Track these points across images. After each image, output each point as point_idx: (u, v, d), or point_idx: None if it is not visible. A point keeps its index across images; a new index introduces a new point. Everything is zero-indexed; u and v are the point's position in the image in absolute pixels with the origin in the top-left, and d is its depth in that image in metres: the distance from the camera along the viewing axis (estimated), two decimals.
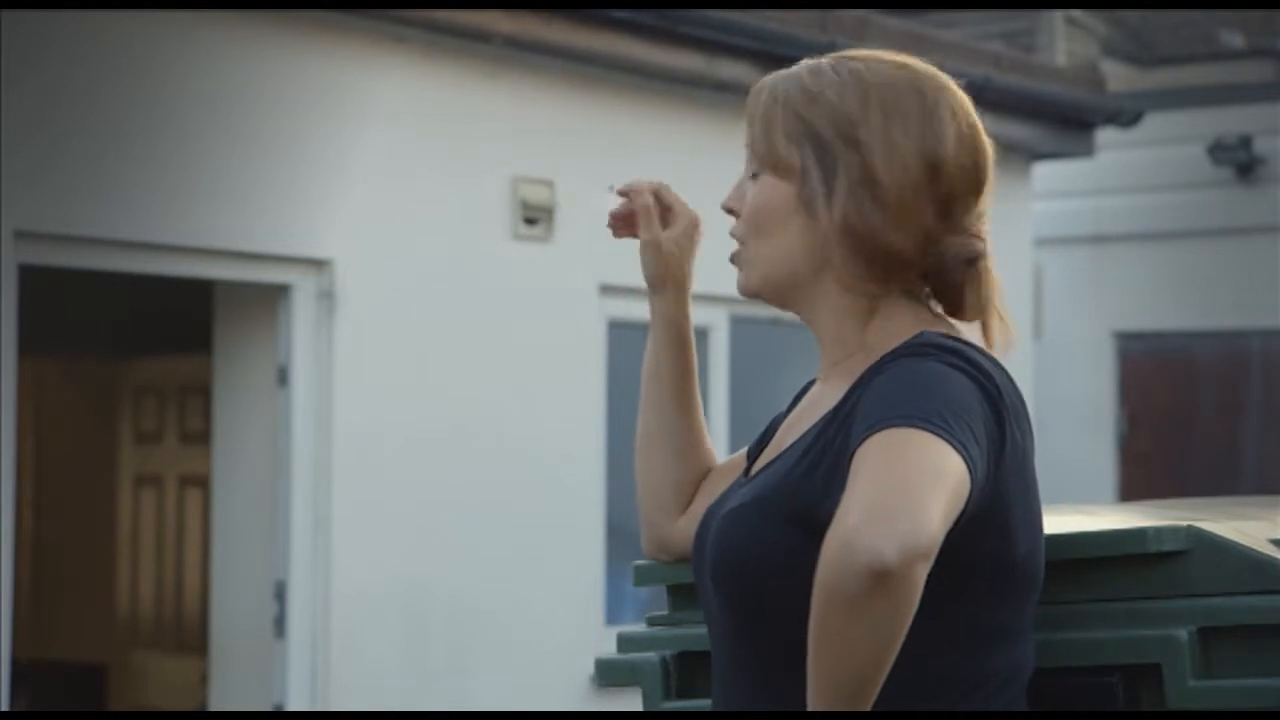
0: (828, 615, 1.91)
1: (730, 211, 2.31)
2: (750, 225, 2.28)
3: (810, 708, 1.96)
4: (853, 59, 2.26)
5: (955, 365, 2.10)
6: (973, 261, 2.24)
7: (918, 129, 2.21)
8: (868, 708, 1.94)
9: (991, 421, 2.08)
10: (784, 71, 2.29)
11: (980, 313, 2.24)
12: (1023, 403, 2.17)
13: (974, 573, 2.10)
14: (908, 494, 1.91)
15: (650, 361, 2.56)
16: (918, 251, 2.21)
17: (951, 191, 2.22)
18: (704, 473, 2.53)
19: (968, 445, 2.00)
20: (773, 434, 2.38)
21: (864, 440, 1.99)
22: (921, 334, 2.17)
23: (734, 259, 2.32)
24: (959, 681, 2.11)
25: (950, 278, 2.24)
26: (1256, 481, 11.99)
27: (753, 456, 2.42)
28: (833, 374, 2.26)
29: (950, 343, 2.14)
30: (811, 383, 2.37)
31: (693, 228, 2.59)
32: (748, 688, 2.18)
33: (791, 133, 2.23)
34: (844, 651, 1.91)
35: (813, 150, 2.22)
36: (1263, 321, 12.16)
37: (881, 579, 1.87)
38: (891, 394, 2.05)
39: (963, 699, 2.10)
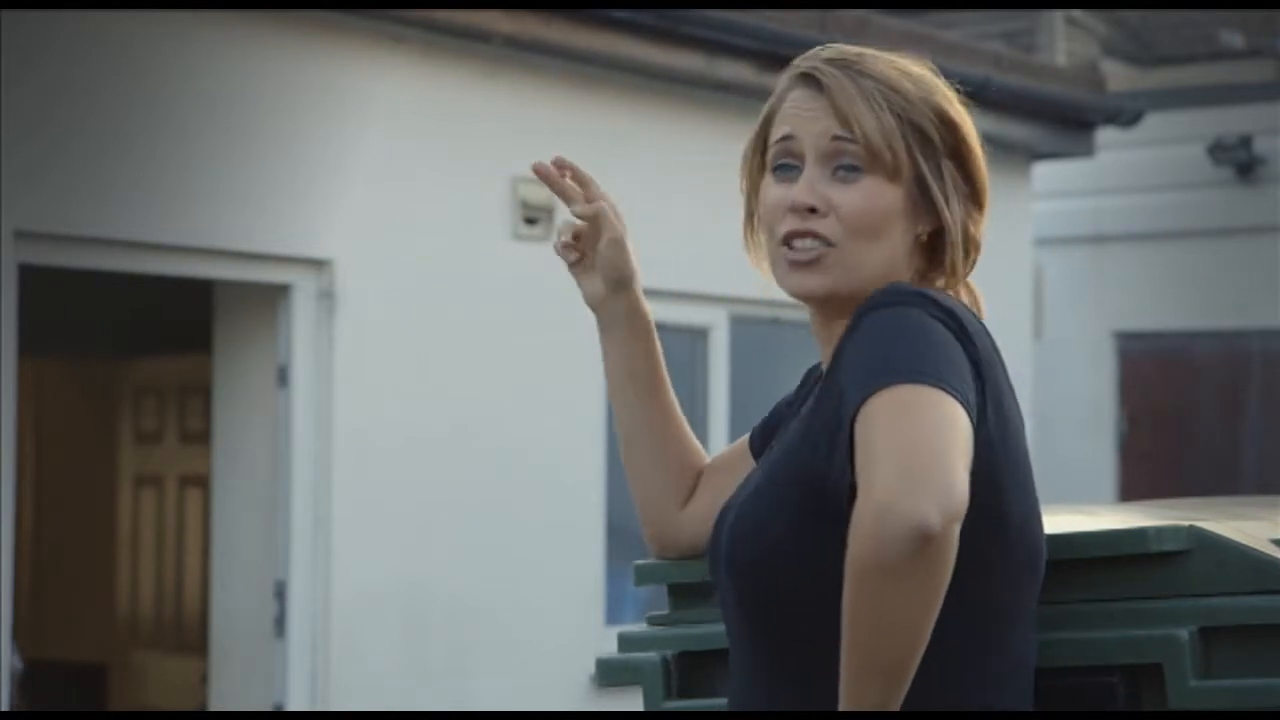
0: (865, 587, 1.89)
1: (810, 210, 2.20)
2: (855, 227, 2.19)
3: (844, 690, 1.94)
4: (879, 57, 2.24)
5: (931, 314, 2.09)
6: (977, 247, 2.30)
7: (968, 119, 2.25)
8: (902, 688, 1.92)
9: (968, 365, 2.08)
10: (843, 60, 2.23)
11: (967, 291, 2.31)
12: (997, 350, 2.16)
13: (967, 539, 2.04)
14: (932, 454, 1.91)
15: (621, 361, 2.49)
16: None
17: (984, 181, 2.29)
18: (692, 463, 2.51)
19: (966, 395, 2.00)
20: (777, 420, 2.37)
21: (866, 402, 1.98)
22: (892, 284, 2.16)
23: (811, 260, 2.21)
24: (960, 666, 2.09)
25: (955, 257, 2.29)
26: (1256, 481, 11.98)
27: (755, 445, 2.41)
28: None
29: (923, 290, 2.14)
30: (813, 369, 2.35)
31: (600, 224, 2.47)
32: (766, 681, 2.16)
33: (904, 134, 2.20)
34: (883, 623, 1.90)
35: (921, 153, 2.20)
36: (1263, 321, 12.16)
37: (925, 542, 1.86)
38: (880, 348, 2.03)
39: (964, 671, 2.08)
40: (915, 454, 1.90)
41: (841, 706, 1.95)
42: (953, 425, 1.95)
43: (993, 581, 2.11)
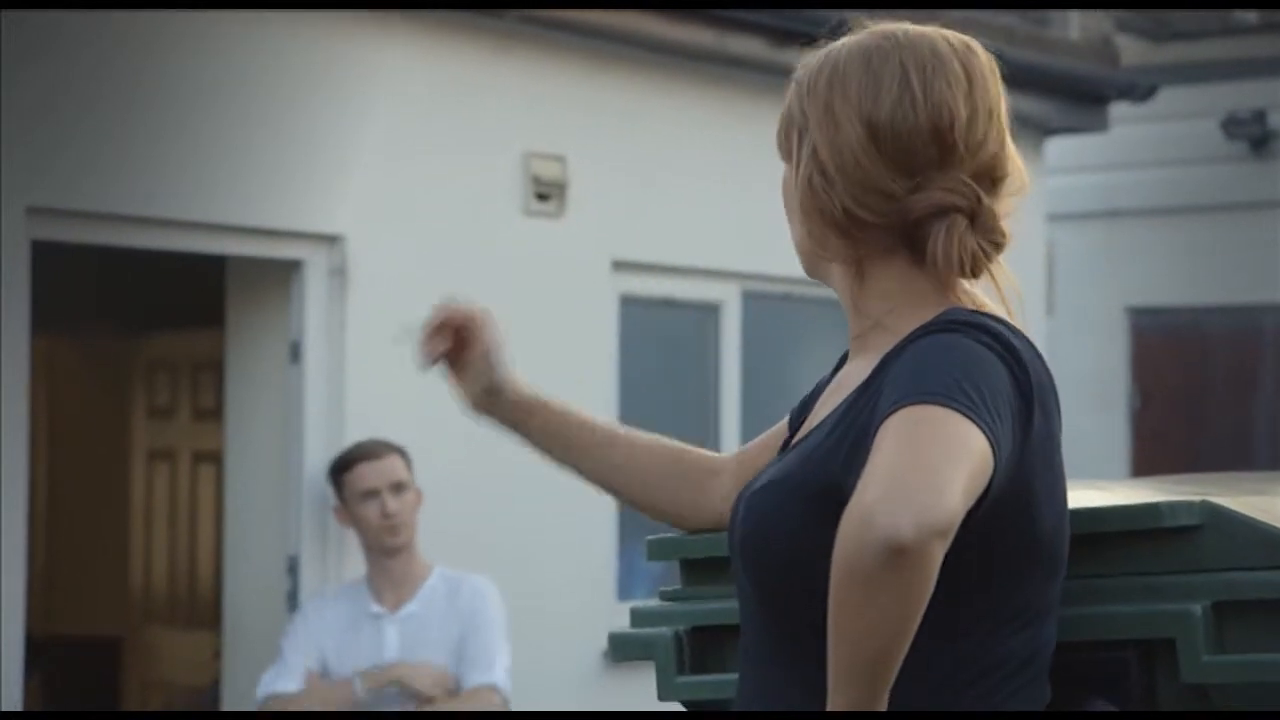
0: (844, 591, 1.91)
1: None
2: (784, 209, 2.33)
3: (830, 685, 1.96)
4: (852, 34, 2.29)
5: (982, 342, 2.09)
6: (941, 214, 2.21)
7: (855, 93, 2.21)
8: (885, 686, 1.93)
9: (1017, 400, 2.07)
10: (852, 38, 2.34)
11: (951, 266, 2.20)
12: (1051, 381, 2.16)
13: (996, 554, 2.10)
14: (927, 470, 1.91)
15: (546, 442, 2.67)
16: (875, 213, 2.19)
17: (903, 151, 2.19)
18: (675, 454, 2.55)
19: (992, 423, 1.99)
20: (813, 397, 2.38)
21: (887, 416, 1.99)
22: (949, 310, 2.16)
23: None
24: (978, 661, 2.10)
25: (921, 233, 2.21)
26: (1269, 457, 11.98)
27: (794, 424, 2.42)
28: (856, 348, 2.28)
29: (978, 319, 2.14)
30: (846, 354, 2.38)
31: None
32: (773, 665, 2.18)
33: (786, 118, 2.30)
34: (860, 628, 1.91)
35: (795, 133, 2.27)
36: (1276, 296, 12.14)
37: (897, 554, 1.87)
38: (917, 370, 2.04)
39: (981, 679, 2.10)
40: (909, 468, 1.91)
41: (829, 702, 1.97)
42: (960, 447, 1.95)
43: (1019, 591, 2.14)
